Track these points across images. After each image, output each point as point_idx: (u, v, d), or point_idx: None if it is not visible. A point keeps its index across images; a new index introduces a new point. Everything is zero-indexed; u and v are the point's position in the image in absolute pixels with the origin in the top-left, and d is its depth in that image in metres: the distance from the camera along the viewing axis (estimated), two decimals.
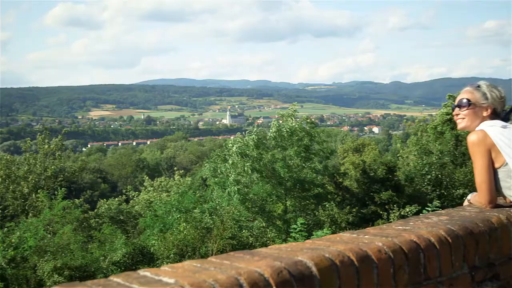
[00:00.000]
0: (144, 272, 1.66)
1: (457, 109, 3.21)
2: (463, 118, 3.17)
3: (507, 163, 2.93)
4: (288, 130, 27.32)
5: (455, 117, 3.26)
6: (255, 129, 29.38)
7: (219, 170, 27.38)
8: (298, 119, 29.99)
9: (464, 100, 3.15)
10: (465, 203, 3.25)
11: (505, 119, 3.12)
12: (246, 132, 29.14)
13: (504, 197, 3.12)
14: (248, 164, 25.84)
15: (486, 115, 3.11)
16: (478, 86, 3.17)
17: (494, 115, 3.12)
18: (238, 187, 25.35)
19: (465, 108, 3.15)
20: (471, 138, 3.01)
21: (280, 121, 28.90)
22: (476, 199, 3.08)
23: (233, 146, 27.32)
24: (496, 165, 2.97)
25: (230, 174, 26.29)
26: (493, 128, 2.99)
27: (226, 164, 27.15)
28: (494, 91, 3.13)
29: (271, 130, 28.07)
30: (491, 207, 2.99)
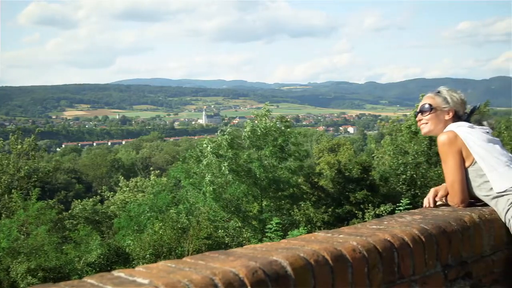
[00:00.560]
0: (119, 273, 1.65)
1: (419, 115, 3.28)
2: (426, 123, 3.24)
3: (476, 162, 2.98)
4: (262, 130, 27.37)
5: (418, 123, 3.33)
6: (228, 129, 29.41)
7: (192, 171, 27.32)
8: (273, 119, 30.06)
9: (426, 106, 3.23)
10: (439, 202, 3.28)
11: (467, 121, 3.19)
12: (219, 132, 29.13)
13: (475, 197, 3.16)
14: (225, 164, 25.82)
15: (448, 118, 3.19)
16: (438, 92, 3.27)
17: (456, 118, 3.20)
18: (214, 187, 25.33)
19: (427, 113, 3.22)
20: (442, 139, 3.06)
21: (255, 121, 28.94)
22: (449, 198, 3.12)
23: (207, 146, 27.30)
24: (466, 164, 3.02)
25: (205, 175, 26.25)
26: (461, 128, 3.05)
27: (201, 165, 27.10)
28: (454, 95, 3.23)
29: (245, 130, 28.12)
30: (463, 207, 3.03)
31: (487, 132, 3.10)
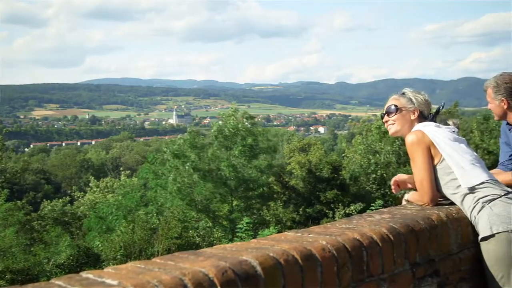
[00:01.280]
0: (87, 274, 1.64)
1: (386, 116, 3.32)
2: (393, 123, 3.29)
3: (443, 160, 3.03)
4: (230, 130, 27.44)
5: (385, 124, 3.36)
6: (188, 130, 29.54)
7: (160, 172, 27.26)
8: (245, 119, 30.10)
9: (392, 107, 3.28)
10: (403, 202, 3.32)
11: (432, 121, 3.24)
12: (180, 135, 29.21)
13: (442, 196, 3.20)
14: (188, 164, 25.85)
15: (414, 118, 3.24)
16: (403, 93, 3.34)
17: (422, 118, 3.25)
18: (178, 185, 25.33)
19: (393, 114, 3.27)
20: (410, 138, 3.09)
21: (220, 122, 29.03)
22: (416, 197, 3.15)
23: (168, 148, 27.45)
24: (434, 162, 3.06)
25: (169, 175, 26.27)
26: (428, 128, 3.10)
27: (167, 165, 27.11)
28: (418, 95, 3.29)
29: (212, 130, 28.22)
30: (432, 205, 3.06)
31: (453, 131, 3.15)
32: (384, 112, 3.33)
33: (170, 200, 24.83)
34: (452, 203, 3.10)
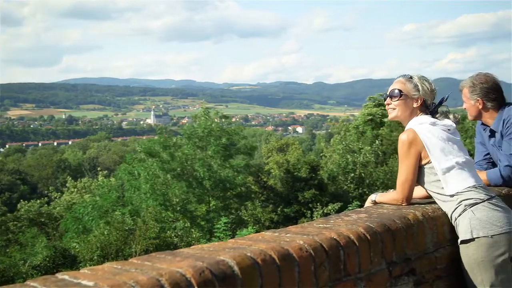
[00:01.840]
0: (63, 276, 1.62)
1: (388, 99, 3.25)
2: (394, 109, 3.23)
3: (431, 162, 3.03)
4: (204, 130, 27.47)
5: (386, 107, 3.30)
6: (159, 129, 29.53)
7: (136, 172, 27.16)
8: (219, 118, 30.14)
9: (396, 91, 3.20)
10: (368, 203, 3.31)
11: (434, 112, 3.20)
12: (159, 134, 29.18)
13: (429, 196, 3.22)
14: (155, 164, 25.82)
15: (416, 107, 3.18)
16: (411, 78, 3.22)
17: (424, 107, 3.19)
18: (151, 183, 25.29)
19: (396, 99, 3.20)
20: (402, 138, 3.06)
21: (196, 122, 29.07)
22: (392, 196, 3.15)
23: (140, 147, 27.42)
24: (423, 162, 3.06)
25: (141, 174, 26.22)
26: (423, 126, 3.07)
27: (140, 164, 27.07)
28: (426, 83, 3.20)
29: (184, 131, 28.25)
30: (406, 205, 3.07)
31: (449, 129, 3.11)
32: (388, 94, 3.26)
33: (145, 201, 24.73)
34: (429, 202, 3.12)
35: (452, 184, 2.99)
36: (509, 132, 3.70)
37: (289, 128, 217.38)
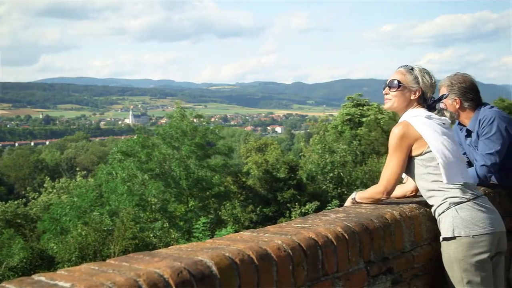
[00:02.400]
0: (39, 277, 1.61)
1: (387, 88, 3.23)
2: (391, 99, 3.20)
3: (425, 152, 3.00)
4: (176, 129, 27.45)
5: (385, 96, 3.26)
6: (138, 129, 29.45)
7: (114, 172, 27.02)
8: (195, 118, 30.11)
9: (395, 82, 3.17)
10: (348, 202, 3.30)
11: (431, 107, 3.19)
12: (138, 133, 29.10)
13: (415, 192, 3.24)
14: (132, 164, 25.72)
15: (414, 99, 3.16)
16: (412, 69, 3.20)
17: (422, 100, 3.18)
18: (128, 184, 25.18)
19: (394, 89, 3.17)
20: (396, 131, 3.04)
21: (171, 121, 29.01)
22: (374, 189, 3.13)
23: (117, 147, 27.32)
24: (414, 153, 3.04)
25: (119, 174, 26.10)
26: (417, 119, 3.05)
27: (118, 165, 26.96)
28: (426, 76, 3.18)
29: (157, 131, 28.20)
30: (386, 198, 3.08)
31: (444, 123, 3.10)
32: (387, 84, 3.23)
33: (122, 202, 24.60)
34: (407, 202, 3.15)
35: (441, 177, 2.98)
36: (485, 132, 3.74)
37: (268, 128, 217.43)
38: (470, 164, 4.02)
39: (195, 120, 30.40)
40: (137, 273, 1.63)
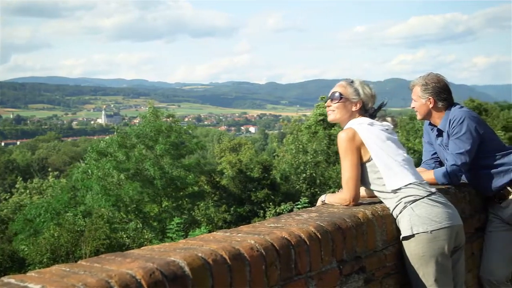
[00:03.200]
0: (9, 279, 1.59)
1: (329, 101, 3.32)
2: (334, 111, 3.29)
3: (372, 159, 3.08)
4: (152, 129, 27.33)
5: (327, 109, 3.36)
6: (117, 128, 29.23)
7: (89, 171, 26.76)
8: (167, 118, 30.01)
9: (337, 94, 3.27)
10: (318, 203, 3.33)
11: (373, 116, 3.27)
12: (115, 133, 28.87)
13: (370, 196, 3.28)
14: (109, 163, 25.54)
15: (355, 110, 3.24)
16: (352, 82, 3.31)
17: (363, 111, 3.26)
18: (103, 183, 25.01)
19: (336, 101, 3.26)
20: (342, 136, 3.11)
21: (144, 121, 28.87)
22: (340, 196, 3.18)
23: (95, 146, 27.11)
24: (363, 160, 3.10)
25: (94, 174, 25.90)
26: (362, 126, 3.12)
27: (94, 164, 26.73)
28: (366, 88, 3.28)
29: (132, 130, 28.04)
30: (353, 205, 3.10)
31: (387, 129, 3.17)
32: (329, 97, 3.32)
33: (97, 201, 24.38)
34: (379, 201, 3.17)
35: (392, 181, 3.04)
36: (455, 132, 3.78)
37: (242, 128, 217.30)
38: (441, 163, 4.07)
39: (168, 119, 30.23)
40: (109, 274, 1.62)
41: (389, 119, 3.29)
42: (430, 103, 3.91)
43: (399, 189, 3.03)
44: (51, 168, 56.93)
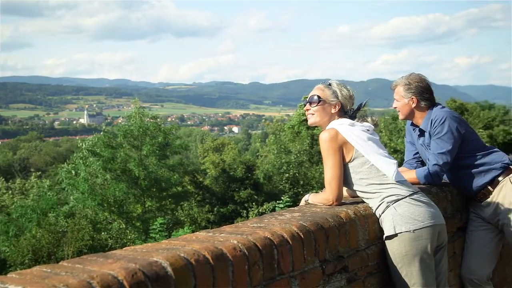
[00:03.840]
0: None
1: (308, 104, 3.31)
2: (313, 114, 3.29)
3: (355, 158, 3.09)
4: (139, 129, 27.20)
5: (306, 113, 3.36)
6: (103, 128, 29.06)
7: (74, 172, 26.57)
8: (151, 119, 29.89)
9: (315, 97, 3.26)
10: (302, 203, 3.34)
11: (353, 117, 3.27)
12: (95, 133, 28.71)
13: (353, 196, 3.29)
14: (98, 163, 25.39)
15: (334, 112, 3.24)
16: (329, 84, 3.30)
17: (342, 112, 3.26)
18: (89, 183, 24.85)
19: (315, 104, 3.26)
20: (323, 136, 3.11)
21: (130, 121, 28.72)
22: (323, 196, 3.18)
23: (83, 145, 26.90)
24: (345, 160, 3.11)
25: (81, 172, 25.73)
26: (342, 126, 3.13)
27: (82, 163, 26.53)
28: (344, 89, 3.28)
29: (119, 130, 27.90)
30: (336, 204, 3.10)
31: (367, 130, 3.18)
32: (307, 100, 3.32)
33: (82, 201, 24.23)
34: (361, 201, 3.18)
35: (374, 180, 3.06)
36: (436, 132, 3.81)
37: (225, 128, 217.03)
38: (423, 163, 4.10)
39: (151, 120, 30.11)
40: (90, 275, 1.61)
41: (369, 119, 3.29)
42: (413, 102, 3.92)
43: (381, 189, 3.04)
44: (33, 169, 56.47)
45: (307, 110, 3.33)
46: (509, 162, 3.96)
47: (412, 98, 3.92)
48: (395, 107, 4.06)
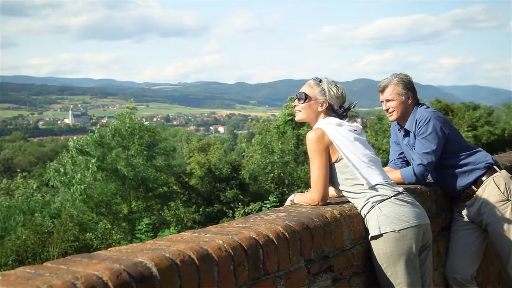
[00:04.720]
0: None
1: (296, 101, 3.32)
2: (300, 111, 3.29)
3: (341, 159, 3.09)
4: (127, 129, 27.11)
5: (294, 108, 3.36)
6: (96, 128, 28.92)
7: (63, 170, 26.39)
8: (142, 119, 29.84)
9: (303, 94, 3.26)
10: (287, 203, 3.34)
11: (342, 116, 3.26)
12: (92, 132, 28.57)
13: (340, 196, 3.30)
14: (93, 161, 25.27)
15: (321, 110, 3.24)
16: (320, 81, 3.29)
17: (330, 111, 3.25)
18: (85, 185, 24.73)
19: (302, 101, 3.26)
20: (310, 136, 3.11)
21: (115, 122, 28.62)
22: (309, 196, 3.19)
23: (72, 143, 26.76)
24: (332, 160, 3.11)
25: (75, 173, 25.56)
26: (329, 126, 3.13)
27: (71, 162, 26.38)
28: (333, 88, 3.25)
29: (108, 130, 27.78)
30: (322, 204, 3.11)
31: (355, 130, 3.18)
32: (296, 96, 3.32)
33: (70, 201, 24.09)
34: (347, 201, 3.19)
35: (360, 181, 3.07)
36: (421, 132, 3.83)
37: (211, 128, 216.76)
38: (408, 163, 4.11)
39: (138, 119, 30.08)
40: (75, 276, 1.61)
41: (359, 120, 3.28)
42: (409, 99, 3.94)
43: (366, 189, 3.05)
44: (18, 169, 56.08)
45: (295, 106, 3.33)
46: (493, 162, 3.99)
47: (408, 94, 3.93)
48: (387, 109, 4.02)
